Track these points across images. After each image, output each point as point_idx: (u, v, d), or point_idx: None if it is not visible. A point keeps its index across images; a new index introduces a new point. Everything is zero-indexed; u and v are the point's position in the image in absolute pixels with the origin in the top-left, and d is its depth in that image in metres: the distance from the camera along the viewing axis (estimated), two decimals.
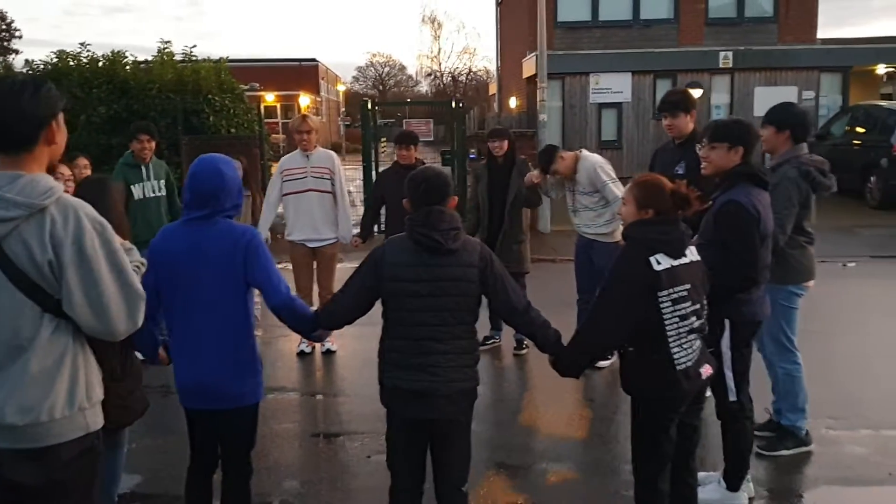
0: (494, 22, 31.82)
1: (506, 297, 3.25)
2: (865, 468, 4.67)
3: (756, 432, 4.81)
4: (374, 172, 13.12)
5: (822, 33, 22.53)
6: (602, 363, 6.33)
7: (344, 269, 6.38)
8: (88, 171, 6.28)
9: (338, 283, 4.14)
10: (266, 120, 16.53)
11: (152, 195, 6.80)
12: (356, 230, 7.05)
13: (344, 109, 58.51)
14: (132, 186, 6.64)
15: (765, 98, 18.98)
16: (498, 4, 31.07)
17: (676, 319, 3.26)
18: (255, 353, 3.41)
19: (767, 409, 5.01)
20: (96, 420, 2.45)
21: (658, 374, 3.30)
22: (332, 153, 6.97)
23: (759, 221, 3.81)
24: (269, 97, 37.17)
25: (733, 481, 4.17)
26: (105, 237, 2.34)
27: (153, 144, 6.85)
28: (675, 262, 3.27)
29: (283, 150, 17.92)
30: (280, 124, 36.18)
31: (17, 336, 2.27)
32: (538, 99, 13.52)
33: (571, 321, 5.82)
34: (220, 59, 14.85)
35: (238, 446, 3.47)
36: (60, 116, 2.40)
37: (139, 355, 3.52)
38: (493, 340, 7.09)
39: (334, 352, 7.01)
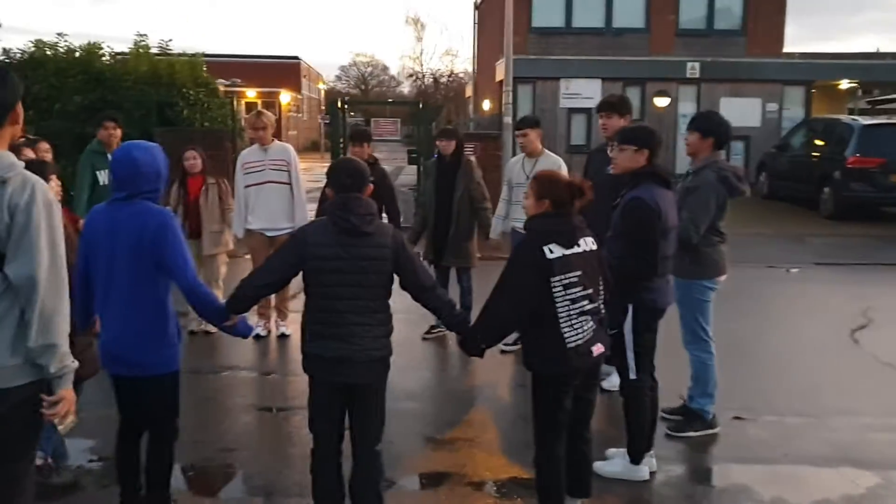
0: (472, 25, 32.15)
1: (415, 275, 3.66)
2: (764, 450, 5.08)
3: (668, 415, 5.26)
4: None
5: (801, 48, 22.98)
6: (507, 347, 6.66)
7: None
8: (49, 156, 6.57)
9: None
10: (247, 116, 16.81)
11: None
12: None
13: (325, 107, 58.41)
14: (98, 172, 6.98)
15: (730, 109, 19.07)
16: (476, 8, 31.43)
17: (567, 302, 3.65)
18: (169, 327, 3.68)
19: (681, 395, 5.41)
20: (40, 370, 2.75)
21: (551, 350, 3.68)
22: (288, 146, 7.30)
23: (660, 216, 4.23)
24: (251, 93, 37.28)
25: (635, 454, 4.56)
26: (52, 214, 2.65)
27: (119, 132, 7.17)
28: (568, 251, 3.66)
29: None
30: None
31: None
32: (503, 102, 13.91)
33: None
34: (196, 53, 15.14)
35: (157, 411, 3.79)
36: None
37: None
38: (438, 330, 7.37)
39: (288, 335, 7.33)
